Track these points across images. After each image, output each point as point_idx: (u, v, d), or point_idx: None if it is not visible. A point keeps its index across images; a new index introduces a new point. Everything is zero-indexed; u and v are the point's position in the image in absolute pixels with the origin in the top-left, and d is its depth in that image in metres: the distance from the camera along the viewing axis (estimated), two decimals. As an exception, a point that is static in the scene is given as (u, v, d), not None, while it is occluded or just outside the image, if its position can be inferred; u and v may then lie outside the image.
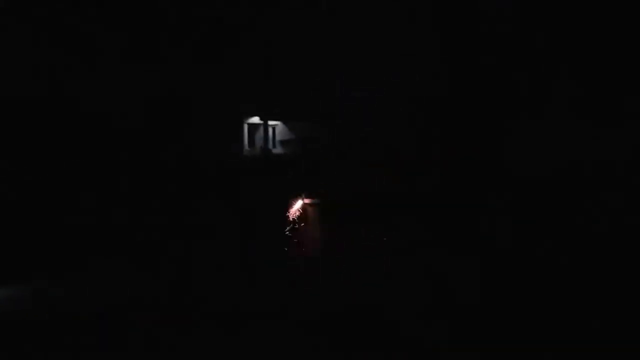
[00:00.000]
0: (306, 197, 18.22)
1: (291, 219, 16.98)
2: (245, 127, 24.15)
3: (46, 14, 14.37)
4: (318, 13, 17.83)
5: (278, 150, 24.46)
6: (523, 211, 13.83)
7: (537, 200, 14.06)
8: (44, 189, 13.97)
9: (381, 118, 18.62)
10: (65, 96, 15.18)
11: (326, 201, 17.57)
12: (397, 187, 16.40)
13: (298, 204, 17.77)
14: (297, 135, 23.96)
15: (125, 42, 15.70)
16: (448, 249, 12.67)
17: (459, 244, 12.97)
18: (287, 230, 16.17)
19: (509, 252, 12.13)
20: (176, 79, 17.79)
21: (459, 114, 16.11)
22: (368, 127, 19.11)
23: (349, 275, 11.46)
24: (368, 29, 17.31)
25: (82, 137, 15.24)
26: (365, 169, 18.01)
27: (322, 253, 14.09)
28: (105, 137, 15.78)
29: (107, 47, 15.50)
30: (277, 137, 24.69)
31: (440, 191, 15.23)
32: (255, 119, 24.05)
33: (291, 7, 17.70)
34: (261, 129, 24.29)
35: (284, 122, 24.35)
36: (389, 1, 16.57)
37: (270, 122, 24.22)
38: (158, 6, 16.03)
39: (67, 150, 14.96)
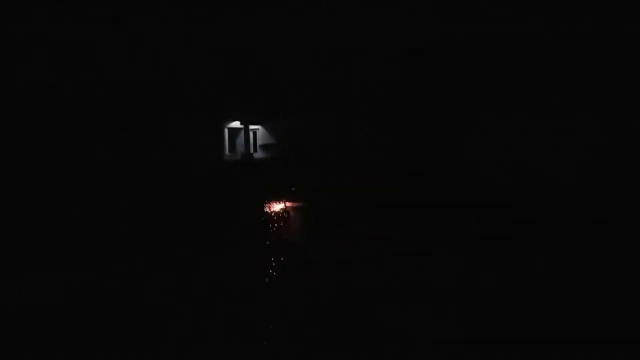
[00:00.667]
0: (288, 201, 18.06)
1: (269, 222, 16.79)
2: (226, 131, 24.05)
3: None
4: (296, 8, 17.75)
5: (259, 154, 24.35)
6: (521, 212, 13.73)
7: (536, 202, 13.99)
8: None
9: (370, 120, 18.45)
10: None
11: (307, 205, 17.37)
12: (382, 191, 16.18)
13: (278, 207, 17.59)
14: (278, 139, 23.89)
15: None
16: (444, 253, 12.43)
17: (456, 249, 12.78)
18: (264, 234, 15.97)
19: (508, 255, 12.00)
20: (154, 80, 17.62)
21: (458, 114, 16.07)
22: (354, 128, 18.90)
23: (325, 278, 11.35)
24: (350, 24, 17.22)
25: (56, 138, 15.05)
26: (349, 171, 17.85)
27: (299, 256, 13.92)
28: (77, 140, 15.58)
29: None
30: (259, 142, 24.58)
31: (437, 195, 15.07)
32: (236, 124, 23.93)
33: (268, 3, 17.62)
34: (242, 133, 24.19)
35: (265, 126, 24.27)
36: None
37: (251, 127, 24.13)
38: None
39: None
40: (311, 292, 10.08)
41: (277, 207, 17.74)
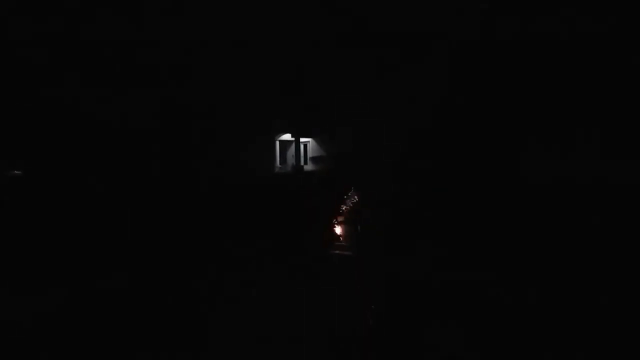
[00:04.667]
0: (338, 213, 17.92)
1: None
2: (277, 144, 24.31)
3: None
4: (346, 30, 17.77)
5: (309, 167, 24.45)
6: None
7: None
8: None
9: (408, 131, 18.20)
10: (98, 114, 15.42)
11: (357, 216, 17.06)
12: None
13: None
14: (328, 152, 23.92)
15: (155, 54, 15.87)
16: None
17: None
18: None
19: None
20: (208, 96, 17.91)
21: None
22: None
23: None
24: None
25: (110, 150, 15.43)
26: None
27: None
28: (134, 153, 15.93)
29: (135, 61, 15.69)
30: (309, 154, 24.72)
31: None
32: (287, 136, 24.15)
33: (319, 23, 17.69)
34: (292, 146, 24.38)
35: (316, 139, 24.37)
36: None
37: (302, 139, 24.29)
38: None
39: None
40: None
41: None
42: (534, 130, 15.10)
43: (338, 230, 17.15)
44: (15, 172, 15.42)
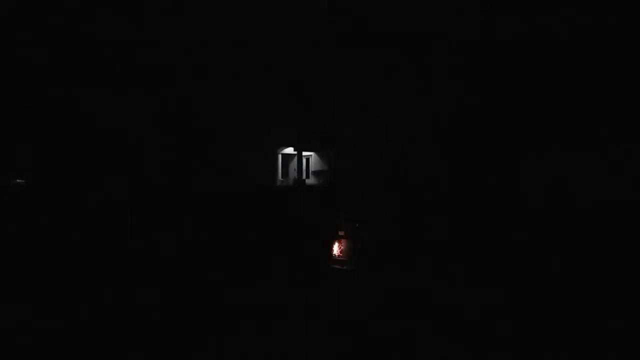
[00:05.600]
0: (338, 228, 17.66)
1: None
2: (279, 157, 24.19)
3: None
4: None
5: (311, 181, 24.26)
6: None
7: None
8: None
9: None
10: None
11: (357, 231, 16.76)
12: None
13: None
14: (330, 165, 23.77)
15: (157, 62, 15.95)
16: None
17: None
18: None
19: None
20: (210, 106, 17.93)
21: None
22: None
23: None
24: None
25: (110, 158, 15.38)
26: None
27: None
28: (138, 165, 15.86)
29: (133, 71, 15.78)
30: (311, 168, 24.56)
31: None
32: (289, 150, 24.04)
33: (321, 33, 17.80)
34: (295, 159, 24.26)
35: (318, 153, 24.25)
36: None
37: (305, 153, 24.17)
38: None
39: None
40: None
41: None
42: (535, 129, 15.00)
43: (337, 245, 16.87)
44: (18, 180, 15.36)
